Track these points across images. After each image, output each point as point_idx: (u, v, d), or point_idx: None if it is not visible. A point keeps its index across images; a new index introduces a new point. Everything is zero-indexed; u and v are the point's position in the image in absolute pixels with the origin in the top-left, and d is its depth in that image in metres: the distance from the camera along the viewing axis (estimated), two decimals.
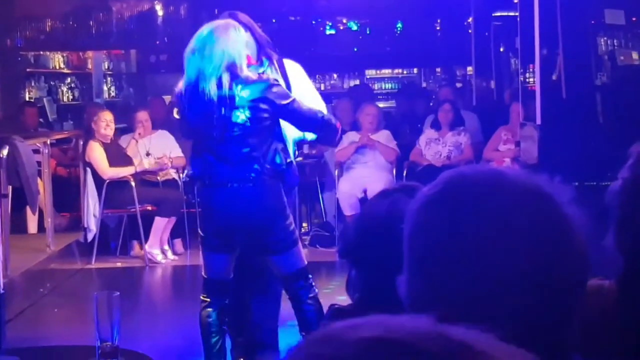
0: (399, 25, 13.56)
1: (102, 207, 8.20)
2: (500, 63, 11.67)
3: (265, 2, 11.23)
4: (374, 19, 13.52)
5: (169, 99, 10.16)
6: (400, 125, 10.06)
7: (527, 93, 7.51)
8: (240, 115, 4.15)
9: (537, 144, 6.34)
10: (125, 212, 8.33)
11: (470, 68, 12.24)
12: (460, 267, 1.11)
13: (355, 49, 13.59)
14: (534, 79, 6.85)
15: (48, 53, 12.72)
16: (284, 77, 4.42)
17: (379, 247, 1.95)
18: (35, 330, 6.05)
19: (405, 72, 14.16)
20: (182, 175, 8.73)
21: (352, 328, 0.75)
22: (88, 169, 8.24)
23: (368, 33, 13.68)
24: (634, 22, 6.98)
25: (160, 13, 12.73)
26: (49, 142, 8.13)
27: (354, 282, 2.12)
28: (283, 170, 4.26)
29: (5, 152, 6.74)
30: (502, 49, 11.85)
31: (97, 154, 8.13)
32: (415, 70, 14.24)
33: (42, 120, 10.78)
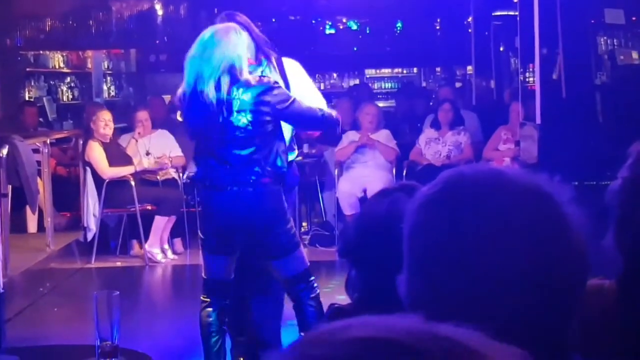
0: (399, 25, 13.56)
1: (101, 206, 8.19)
2: (500, 62, 11.67)
3: (265, 1, 11.23)
4: (374, 19, 13.52)
5: (169, 99, 10.16)
6: (400, 125, 10.05)
7: (526, 92, 7.51)
8: (242, 119, 4.14)
9: (536, 144, 6.34)
10: (125, 211, 8.33)
11: (470, 67, 12.23)
12: (460, 266, 1.11)
13: (355, 49, 13.59)
14: (534, 79, 6.85)
15: (48, 52, 12.72)
16: (283, 76, 4.41)
17: (379, 246, 1.95)
18: (35, 330, 6.04)
19: (405, 71, 14.17)
20: (181, 175, 8.73)
21: (343, 329, 0.75)
22: (88, 169, 8.23)
23: (368, 32, 13.68)
24: (634, 21, 6.98)
25: (160, 12, 12.73)
26: (49, 141, 8.13)
27: (354, 281, 2.12)
28: (284, 173, 4.25)
29: (5, 151, 6.73)
30: (502, 49, 11.84)
31: (96, 154, 8.12)
32: (415, 70, 14.24)
33: (41, 120, 10.77)
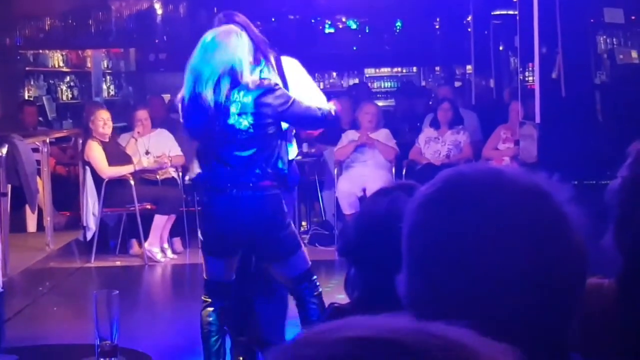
0: (398, 24, 13.56)
1: (101, 205, 8.19)
2: (500, 62, 11.67)
3: (265, 0, 11.22)
4: (373, 18, 13.52)
5: (168, 98, 10.17)
6: (400, 124, 10.05)
7: (526, 92, 7.50)
8: (243, 122, 4.14)
9: (536, 143, 6.33)
10: (125, 210, 8.32)
11: (470, 67, 12.24)
12: (460, 266, 1.10)
13: (355, 48, 13.59)
14: (533, 78, 6.84)
15: (47, 52, 12.72)
16: (281, 75, 4.41)
17: (379, 245, 1.95)
18: (35, 329, 6.04)
19: (405, 70, 14.18)
20: (181, 174, 8.74)
21: (334, 329, 0.75)
22: (87, 168, 8.23)
23: (367, 32, 13.68)
24: (633, 20, 6.97)
25: (160, 12, 12.73)
26: (48, 140, 8.13)
27: (354, 280, 2.12)
28: (285, 175, 4.25)
29: (5, 150, 6.73)
30: (501, 48, 11.84)
31: (96, 154, 8.12)
32: (415, 69, 14.26)
33: (41, 119, 10.77)
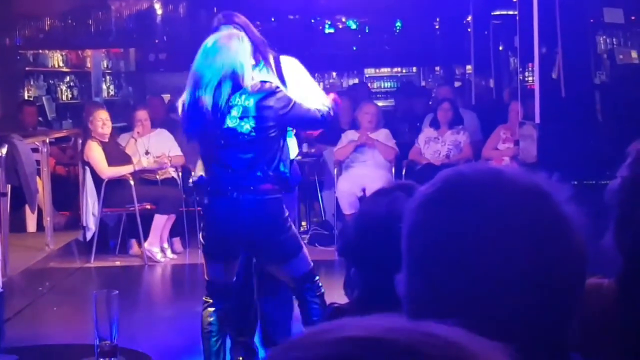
0: (398, 24, 13.56)
1: (101, 205, 8.19)
2: (500, 62, 11.67)
3: (265, 1, 11.22)
4: (373, 18, 13.53)
5: (168, 98, 10.18)
6: (400, 124, 10.05)
7: (526, 92, 7.50)
8: (245, 125, 4.14)
9: (536, 143, 6.33)
10: (124, 210, 8.32)
11: (470, 67, 12.24)
12: (459, 266, 1.10)
13: (354, 48, 13.60)
14: (533, 78, 6.84)
15: (47, 52, 12.72)
16: (279, 75, 4.42)
17: (379, 245, 1.95)
18: (34, 329, 6.04)
19: (405, 70, 14.18)
20: (180, 174, 8.74)
21: (329, 330, 0.75)
22: (87, 168, 8.23)
23: (367, 32, 13.69)
24: (633, 20, 6.98)
25: (159, 12, 12.73)
26: (48, 140, 8.13)
27: (353, 280, 2.12)
28: (287, 178, 4.25)
29: (4, 150, 6.73)
30: (501, 48, 11.85)
31: (95, 154, 8.11)
32: (415, 69, 14.26)
33: (41, 119, 10.77)
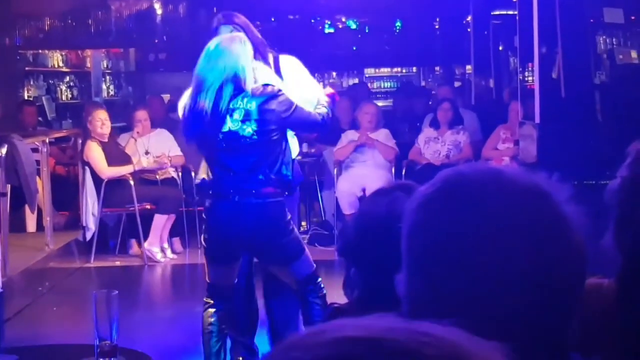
0: (398, 24, 13.57)
1: (100, 205, 8.19)
2: (499, 62, 11.67)
3: (265, 1, 11.22)
4: (373, 18, 13.53)
5: (168, 98, 10.18)
6: (399, 124, 10.05)
7: (526, 92, 7.50)
8: (247, 129, 4.14)
9: (535, 143, 6.33)
10: (124, 210, 8.32)
11: (469, 67, 12.24)
12: (459, 266, 1.10)
13: (354, 48, 13.60)
14: (533, 78, 6.85)
15: (47, 52, 12.71)
16: (278, 75, 4.42)
17: (379, 245, 1.95)
18: (34, 329, 6.04)
19: (404, 70, 14.18)
20: (180, 174, 8.74)
21: (325, 330, 0.75)
22: (87, 168, 8.23)
23: (367, 32, 13.69)
24: (633, 20, 6.98)
25: (159, 12, 12.73)
26: (48, 140, 8.13)
27: (353, 280, 2.12)
28: (290, 181, 4.25)
29: (4, 150, 6.73)
30: (501, 48, 11.85)
31: (95, 154, 8.11)
32: (414, 69, 14.26)
33: (41, 119, 10.77)
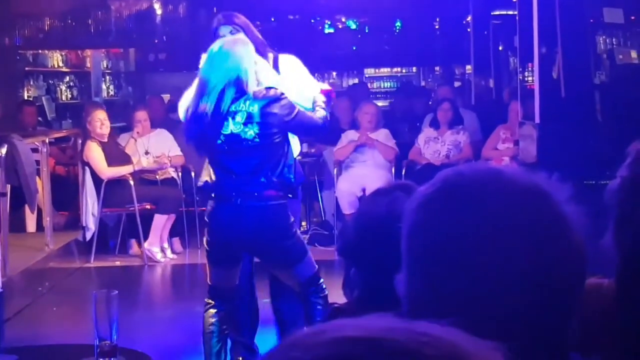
0: (398, 24, 13.56)
1: (100, 205, 8.19)
2: (499, 62, 11.67)
3: (265, 1, 11.22)
4: (373, 18, 13.53)
5: (168, 98, 10.17)
6: (399, 124, 10.05)
7: (526, 92, 7.50)
8: (249, 131, 4.14)
9: (535, 143, 6.33)
10: (124, 210, 8.32)
11: (469, 67, 12.24)
12: (459, 266, 1.10)
13: (354, 48, 13.60)
14: (533, 78, 6.85)
15: (47, 52, 12.71)
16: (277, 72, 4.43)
17: (379, 245, 1.95)
18: (34, 329, 6.04)
19: (404, 70, 14.18)
20: (180, 174, 8.74)
21: (324, 331, 0.75)
22: (87, 168, 8.23)
23: (367, 32, 13.69)
24: (633, 20, 6.98)
25: (159, 12, 12.73)
26: (48, 140, 8.13)
27: (353, 280, 2.12)
28: (292, 183, 4.24)
29: (4, 150, 6.73)
30: (501, 48, 11.85)
31: (95, 154, 8.11)
32: (414, 69, 14.26)
33: (40, 119, 10.77)
